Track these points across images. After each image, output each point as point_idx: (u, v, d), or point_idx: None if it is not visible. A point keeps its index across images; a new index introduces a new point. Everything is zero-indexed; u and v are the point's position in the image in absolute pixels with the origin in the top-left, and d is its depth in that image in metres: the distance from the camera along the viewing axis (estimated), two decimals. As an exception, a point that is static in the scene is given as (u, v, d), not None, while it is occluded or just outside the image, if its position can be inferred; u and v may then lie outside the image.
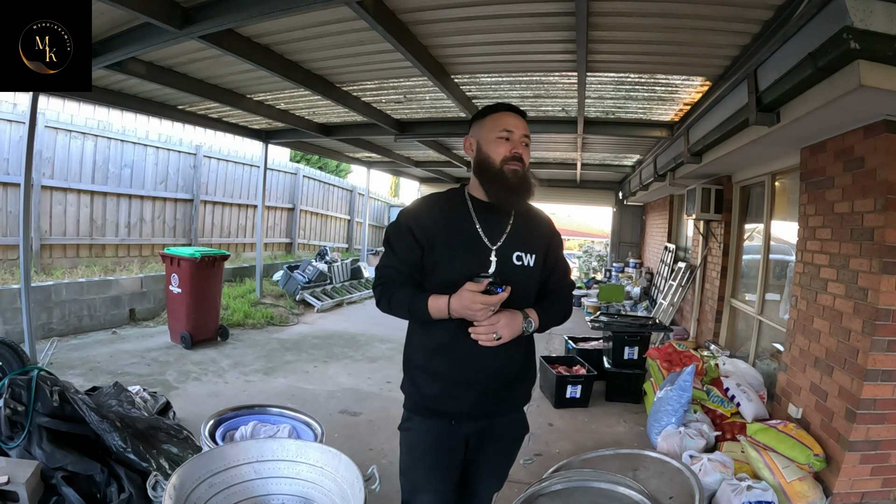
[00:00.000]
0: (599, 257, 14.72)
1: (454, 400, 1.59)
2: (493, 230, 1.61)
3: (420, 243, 1.58)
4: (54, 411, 2.39)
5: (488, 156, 1.59)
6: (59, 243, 6.83)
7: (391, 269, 1.62)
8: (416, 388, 1.64)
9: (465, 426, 1.63)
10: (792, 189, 4.17)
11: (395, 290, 1.59)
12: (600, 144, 7.19)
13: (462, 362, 1.57)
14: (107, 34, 3.49)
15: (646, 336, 4.80)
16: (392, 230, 1.65)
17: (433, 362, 1.60)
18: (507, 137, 1.58)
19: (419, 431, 1.65)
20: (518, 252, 1.61)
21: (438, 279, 1.56)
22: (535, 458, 3.37)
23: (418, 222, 1.59)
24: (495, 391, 1.62)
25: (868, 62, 2.07)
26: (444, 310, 1.49)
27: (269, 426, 2.54)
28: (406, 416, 1.70)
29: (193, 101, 5.54)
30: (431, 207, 1.65)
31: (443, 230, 1.58)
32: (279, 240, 11.16)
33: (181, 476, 1.58)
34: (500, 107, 1.64)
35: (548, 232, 1.72)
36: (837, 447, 2.82)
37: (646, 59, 3.57)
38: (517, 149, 1.58)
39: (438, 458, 1.63)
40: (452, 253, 1.57)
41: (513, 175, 1.56)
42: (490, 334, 1.48)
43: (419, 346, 1.65)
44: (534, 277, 1.65)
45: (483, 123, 1.64)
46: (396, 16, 3.10)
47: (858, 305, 2.77)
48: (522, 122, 1.63)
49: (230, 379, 4.72)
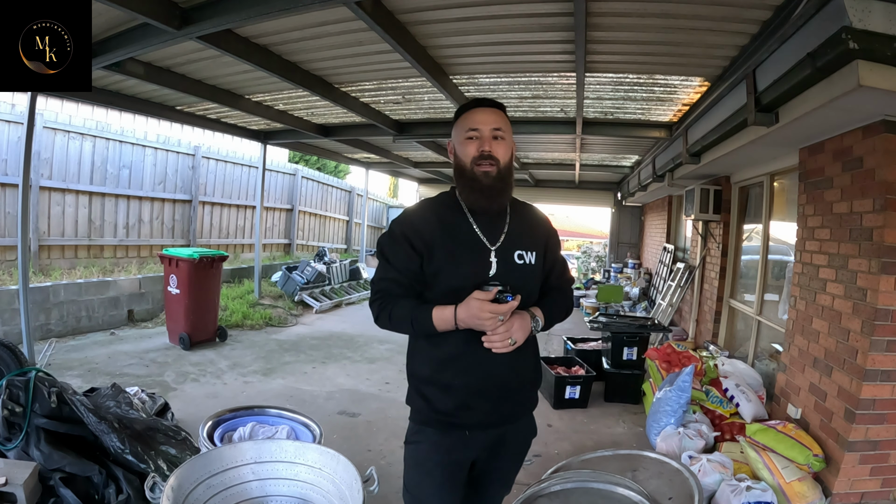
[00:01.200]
0: (598, 258, 14.72)
1: (469, 411, 1.52)
2: (492, 230, 1.55)
3: (418, 251, 1.50)
4: (52, 412, 2.39)
5: (460, 159, 1.54)
6: (57, 244, 6.81)
7: (388, 281, 1.53)
8: (427, 403, 1.55)
9: (479, 437, 1.57)
10: (791, 189, 4.17)
11: (394, 304, 1.50)
12: (599, 145, 7.19)
13: (474, 372, 1.50)
14: (105, 34, 3.49)
15: (645, 337, 4.80)
16: (386, 241, 1.55)
17: (443, 374, 1.52)
18: (476, 136, 1.51)
19: (430, 444, 1.56)
20: (519, 251, 1.55)
21: (442, 287, 1.49)
22: (534, 459, 3.36)
23: (414, 229, 1.52)
24: (508, 398, 1.57)
25: (867, 62, 2.07)
26: (450, 321, 1.42)
27: (267, 427, 2.53)
28: (415, 430, 1.60)
29: (192, 102, 5.54)
30: (425, 213, 1.57)
31: (440, 235, 1.51)
32: (278, 241, 11.15)
33: (179, 477, 1.57)
34: (470, 104, 1.57)
35: (545, 229, 1.67)
36: (837, 447, 2.82)
37: (644, 60, 3.57)
38: (485, 146, 1.50)
39: (447, 472, 1.56)
40: (454, 258, 1.49)
41: (484, 177, 1.49)
42: (505, 340, 1.42)
43: (426, 359, 1.56)
44: (536, 275, 1.60)
45: (456, 125, 1.58)
46: (395, 16, 3.10)
47: (857, 305, 2.77)
48: (493, 116, 1.53)
49: (228, 380, 4.71)
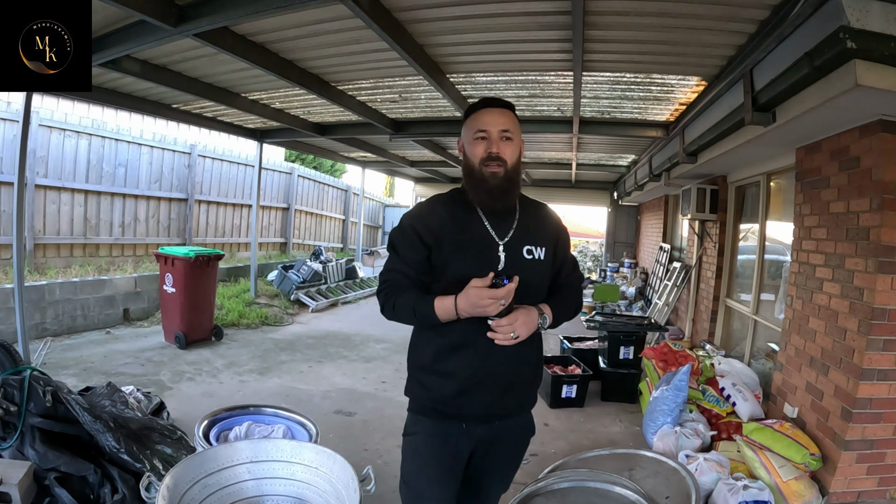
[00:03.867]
0: (594, 257, 14.77)
1: (468, 399, 1.54)
2: (501, 226, 1.58)
3: (426, 244, 1.53)
4: (47, 412, 2.37)
5: (468, 158, 1.57)
6: (52, 243, 6.77)
7: (396, 272, 1.57)
8: (426, 390, 1.58)
9: (476, 430, 1.58)
10: (787, 189, 4.18)
11: (399, 294, 1.53)
12: (596, 144, 7.19)
13: (476, 362, 1.52)
14: (101, 32, 3.46)
15: (641, 336, 4.81)
16: (396, 234, 1.60)
17: (446, 363, 1.54)
18: (484, 137, 1.54)
19: (427, 435, 1.58)
20: (528, 246, 1.58)
21: (450, 277, 1.51)
22: (530, 459, 3.36)
23: (424, 223, 1.56)
24: (507, 392, 1.58)
25: (864, 62, 2.07)
26: (450, 310, 1.44)
27: (263, 426, 2.53)
28: (413, 420, 1.63)
29: (188, 100, 5.51)
30: (436, 207, 1.60)
31: (450, 228, 1.54)
32: (274, 239, 11.12)
33: (175, 477, 1.57)
34: (480, 104, 1.59)
35: (555, 227, 1.69)
36: (833, 446, 2.83)
37: (642, 59, 3.56)
38: (493, 147, 1.53)
39: (444, 463, 1.57)
40: (462, 249, 1.53)
41: (491, 177, 1.52)
42: (508, 334, 1.44)
43: (429, 347, 1.57)
44: (545, 271, 1.62)
45: (465, 126, 1.60)
46: (392, 14, 3.09)
47: (854, 305, 2.78)
48: (501, 117, 1.56)
49: (224, 379, 4.70)
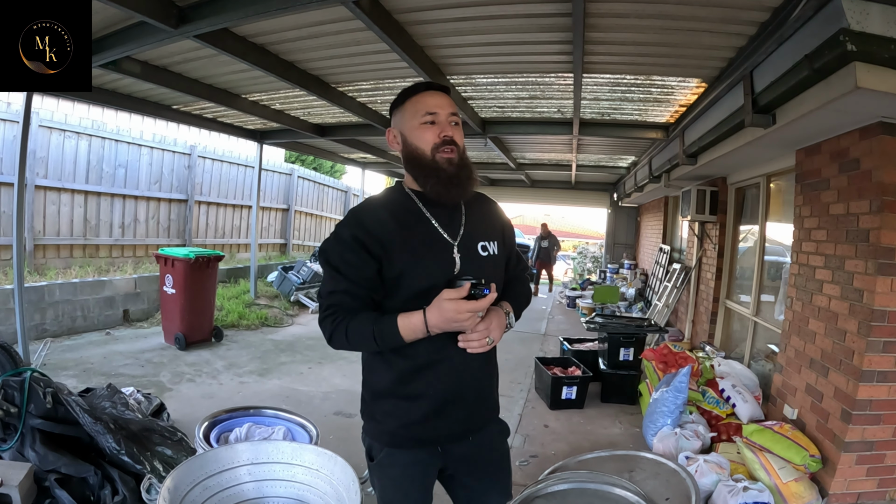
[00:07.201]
0: (594, 258, 14.75)
1: (442, 420, 1.41)
2: (450, 224, 1.42)
3: (374, 255, 1.32)
4: (47, 413, 2.37)
5: (416, 146, 1.38)
6: (52, 243, 6.77)
7: (340, 294, 1.34)
8: (394, 419, 1.42)
9: (452, 451, 1.47)
10: (787, 191, 4.18)
11: (350, 319, 1.31)
12: (595, 146, 7.20)
13: (451, 378, 1.39)
14: (102, 33, 3.46)
15: (641, 337, 4.81)
16: (333, 247, 1.36)
17: (412, 385, 1.39)
18: (433, 121, 1.37)
19: (405, 466, 1.44)
20: (482, 242, 1.45)
21: (406, 292, 1.34)
22: (530, 460, 3.36)
23: (367, 231, 1.34)
24: (482, 402, 1.49)
25: (864, 64, 2.07)
26: (419, 328, 1.27)
27: (263, 428, 2.52)
28: (386, 453, 1.44)
29: (188, 101, 5.51)
30: (377, 211, 1.40)
31: (398, 233, 1.35)
32: (274, 241, 11.12)
33: (175, 479, 1.57)
34: (418, 87, 1.42)
35: (500, 218, 1.57)
36: (833, 448, 2.83)
37: (642, 61, 3.57)
38: (446, 131, 1.37)
39: (426, 490, 1.47)
40: (415, 257, 1.35)
41: (447, 164, 1.36)
42: (483, 340, 1.31)
43: (389, 373, 1.40)
44: (501, 266, 1.51)
45: (403, 110, 1.42)
46: (392, 16, 3.09)
47: (854, 307, 2.78)
48: (447, 100, 1.41)
49: (224, 380, 4.70)
